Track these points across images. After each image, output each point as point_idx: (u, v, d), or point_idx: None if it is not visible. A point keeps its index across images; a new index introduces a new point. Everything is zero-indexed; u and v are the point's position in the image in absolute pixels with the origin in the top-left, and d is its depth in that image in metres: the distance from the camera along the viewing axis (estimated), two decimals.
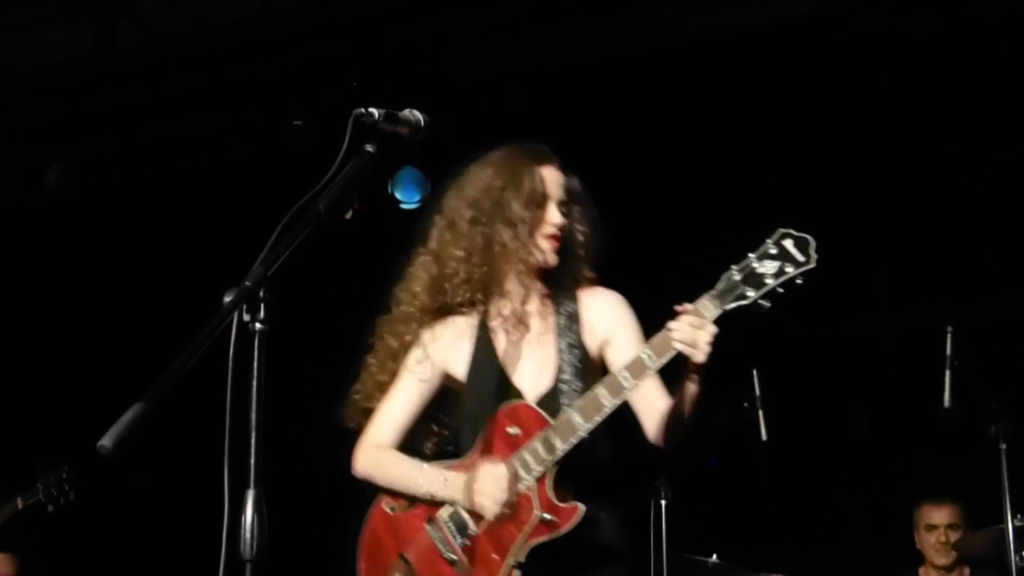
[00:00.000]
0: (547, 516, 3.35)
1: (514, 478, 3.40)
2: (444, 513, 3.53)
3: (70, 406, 8.11)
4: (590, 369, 3.56)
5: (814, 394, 7.78)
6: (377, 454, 3.71)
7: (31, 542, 6.49)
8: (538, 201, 3.62)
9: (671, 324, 3.24)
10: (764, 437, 5.99)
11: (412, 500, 3.62)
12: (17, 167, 8.38)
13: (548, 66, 7.25)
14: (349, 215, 2.70)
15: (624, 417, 3.51)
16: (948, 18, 6.56)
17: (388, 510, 3.66)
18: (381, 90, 6.98)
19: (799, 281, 3.19)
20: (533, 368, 3.60)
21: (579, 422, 3.34)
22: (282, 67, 7.52)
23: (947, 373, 5.31)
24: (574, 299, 3.66)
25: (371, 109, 2.76)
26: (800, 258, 3.20)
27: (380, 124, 2.78)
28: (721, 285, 3.23)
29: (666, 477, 5.94)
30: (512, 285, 3.66)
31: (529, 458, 3.39)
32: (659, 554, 5.89)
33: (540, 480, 3.38)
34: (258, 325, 2.50)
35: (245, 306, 2.50)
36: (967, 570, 6.58)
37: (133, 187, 8.34)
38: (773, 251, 3.21)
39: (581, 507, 3.35)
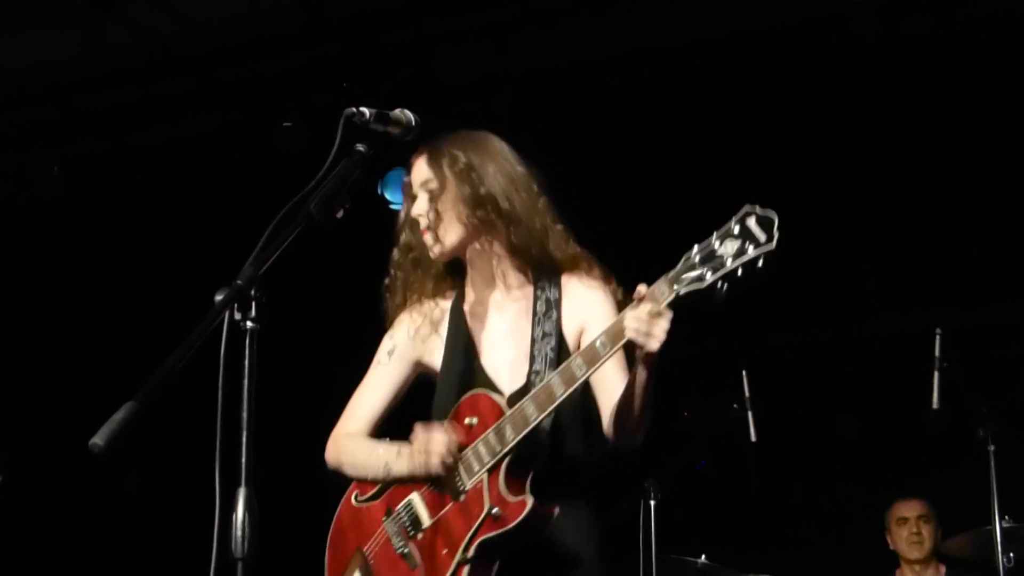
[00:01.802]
0: (496, 510, 3.17)
1: (462, 468, 3.26)
2: (400, 505, 3.41)
3: (64, 405, 8.11)
4: (566, 359, 3.29)
5: (803, 396, 7.80)
6: (342, 441, 3.62)
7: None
8: (410, 197, 3.59)
9: (626, 311, 3.05)
10: (753, 439, 6.01)
11: (377, 493, 3.50)
12: (6, 169, 8.35)
13: (537, 69, 7.25)
14: (340, 214, 2.71)
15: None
16: (939, 22, 6.57)
17: (354, 501, 3.56)
18: (371, 92, 6.99)
19: (760, 264, 2.88)
20: (506, 357, 3.46)
21: (532, 412, 3.17)
22: (272, 69, 7.51)
23: (936, 376, 5.32)
24: (558, 284, 3.49)
25: (362, 108, 2.77)
26: (761, 237, 2.88)
27: (371, 124, 2.79)
28: (679, 267, 2.99)
29: (655, 478, 5.94)
30: (483, 269, 3.55)
31: (482, 449, 3.23)
32: (648, 555, 5.89)
33: (493, 472, 3.20)
34: (249, 324, 2.51)
35: (236, 305, 2.50)
36: (943, 568, 6.61)
37: (123, 189, 8.32)
38: (736, 230, 2.92)
39: (530, 501, 3.16)
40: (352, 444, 3.59)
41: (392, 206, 7.47)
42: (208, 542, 2.44)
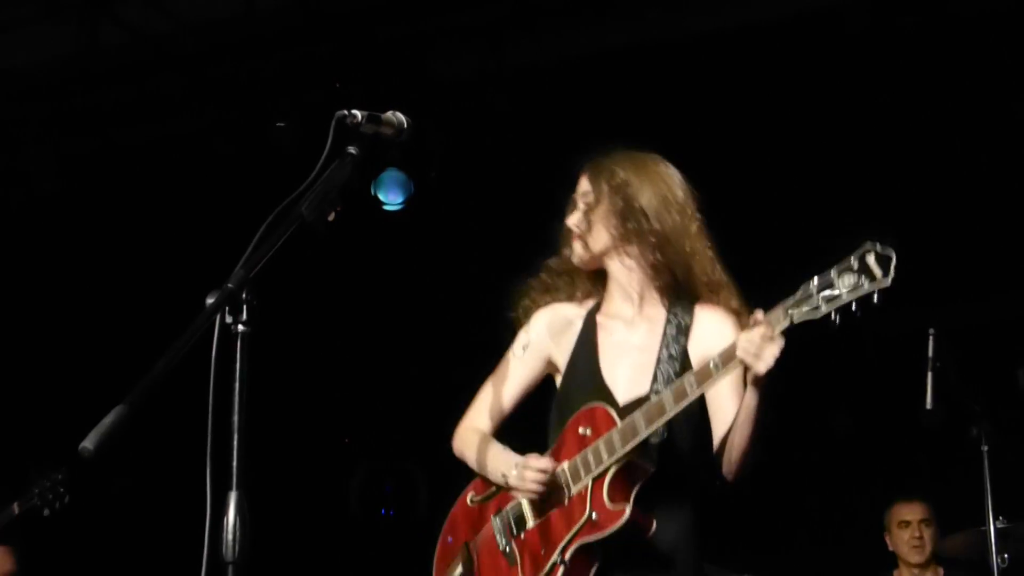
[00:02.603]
0: (595, 515, 3.32)
1: (569, 475, 3.41)
2: (509, 506, 3.58)
3: (55, 407, 8.09)
4: None
5: (796, 396, 7.79)
6: (467, 435, 3.76)
7: (24, 542, 6.57)
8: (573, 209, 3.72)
9: (741, 334, 3.17)
10: None
11: (491, 493, 3.67)
12: None
13: (532, 67, 7.25)
14: (332, 217, 2.70)
15: None
16: (931, 19, 6.57)
17: (469, 500, 3.75)
18: (364, 91, 6.98)
19: (875, 300, 3.03)
20: (628, 372, 3.57)
21: (641, 425, 3.30)
22: (265, 68, 7.50)
23: (929, 375, 5.31)
24: (690, 312, 3.59)
25: (354, 111, 2.76)
26: (878, 274, 3.03)
27: (363, 126, 2.77)
28: (797, 295, 3.12)
29: None
30: (625, 283, 3.65)
31: (591, 458, 3.37)
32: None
33: (598, 480, 3.35)
34: (240, 327, 2.50)
35: (227, 308, 2.50)
36: (941, 570, 6.59)
37: (115, 187, 8.31)
38: (855, 265, 3.07)
39: (628, 511, 3.29)
40: (480, 443, 3.71)
41: (385, 207, 7.47)
42: (199, 546, 2.44)
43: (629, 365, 3.57)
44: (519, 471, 3.45)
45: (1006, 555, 5.65)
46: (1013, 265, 7.27)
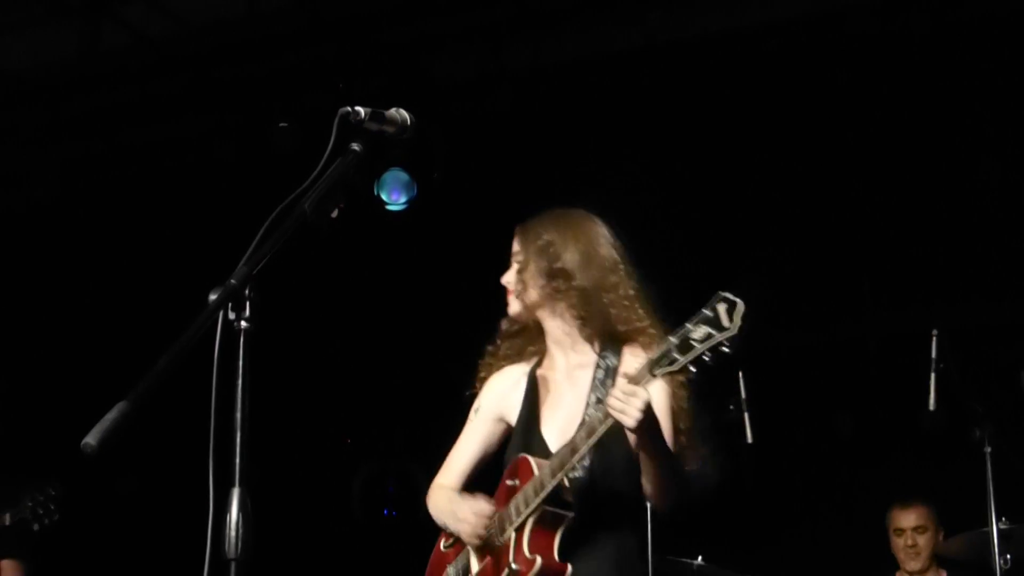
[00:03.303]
0: (514, 566, 3.49)
1: (499, 525, 3.59)
2: (460, 555, 3.79)
3: (53, 410, 8.08)
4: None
5: (799, 397, 7.80)
6: (433, 493, 3.96)
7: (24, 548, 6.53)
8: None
9: (611, 391, 3.34)
10: (749, 439, 6.01)
11: (453, 541, 3.85)
12: (1, 169, 8.34)
13: (533, 70, 7.25)
14: (335, 214, 2.70)
15: None
16: (937, 21, 6.57)
17: (442, 547, 3.93)
18: (367, 93, 6.98)
19: (725, 348, 3.14)
20: (561, 422, 3.72)
21: (547, 477, 3.48)
22: (268, 69, 7.50)
23: (932, 376, 5.32)
24: (619, 354, 3.75)
25: (357, 108, 2.76)
26: (725, 324, 3.14)
27: (366, 123, 2.77)
28: (659, 351, 3.26)
29: None
30: (558, 337, 3.84)
31: (512, 510, 3.56)
32: (644, 556, 5.87)
33: (519, 530, 3.52)
34: (243, 324, 2.50)
35: (230, 305, 2.50)
36: (943, 572, 6.58)
37: (118, 189, 8.32)
38: (708, 315, 3.18)
39: (539, 561, 3.46)
40: (436, 494, 3.95)
41: (388, 207, 7.47)
42: (202, 542, 2.43)
43: (563, 415, 3.74)
44: (454, 514, 3.68)
45: (1008, 556, 5.65)
46: (1017, 267, 7.27)
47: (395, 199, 7.49)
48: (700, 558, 6.09)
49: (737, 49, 6.85)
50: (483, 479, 3.98)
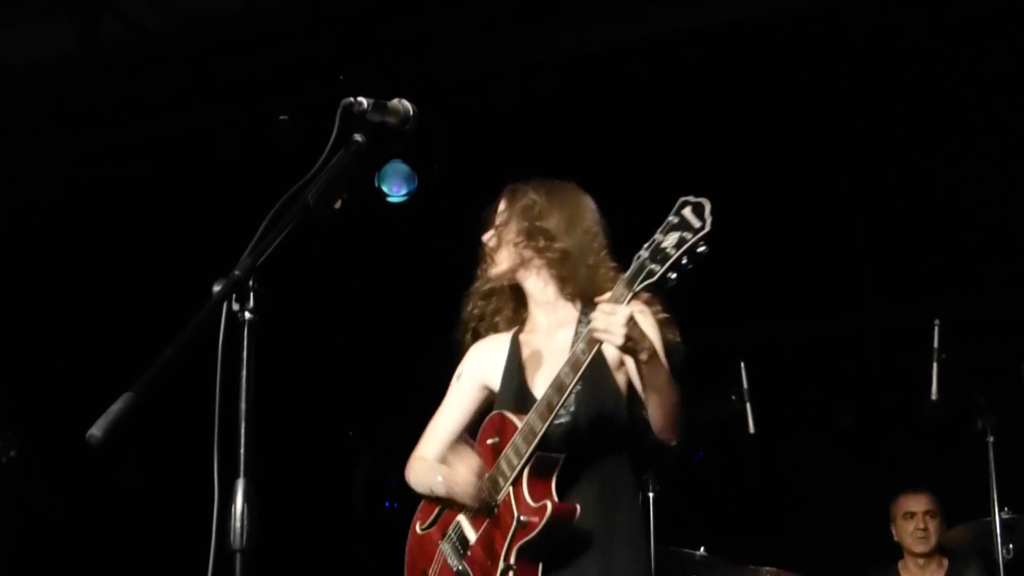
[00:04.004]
0: (523, 518, 3.44)
1: (491, 485, 3.53)
2: (451, 528, 3.70)
3: (58, 405, 8.09)
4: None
5: (801, 388, 7.80)
6: (413, 463, 3.90)
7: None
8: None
9: (591, 315, 3.30)
10: (751, 430, 6.01)
11: (434, 518, 3.79)
12: (2, 164, 8.34)
13: (535, 63, 7.25)
14: (338, 205, 2.70)
15: None
16: (932, 15, 6.57)
17: (418, 530, 3.86)
18: (368, 87, 6.97)
19: (701, 248, 3.09)
20: (548, 376, 3.62)
21: (537, 423, 3.44)
22: (268, 63, 7.51)
23: (934, 367, 5.31)
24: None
25: (360, 98, 2.76)
26: (696, 224, 3.10)
27: (369, 113, 2.77)
28: (632, 268, 3.22)
29: (653, 470, 5.94)
30: (538, 298, 3.83)
31: (504, 465, 3.52)
32: (647, 546, 5.88)
33: (516, 484, 3.48)
34: (247, 315, 2.50)
35: (234, 296, 2.50)
36: (945, 561, 6.58)
37: (119, 183, 8.32)
38: (675, 221, 3.14)
39: (550, 505, 3.42)
40: (418, 464, 3.89)
41: (389, 198, 7.47)
42: (207, 533, 2.44)
43: (550, 370, 3.66)
44: (448, 477, 3.61)
45: (1011, 546, 5.65)
46: (1018, 257, 7.27)
47: (396, 191, 7.50)
48: (702, 548, 6.10)
49: (740, 41, 6.85)
50: None
